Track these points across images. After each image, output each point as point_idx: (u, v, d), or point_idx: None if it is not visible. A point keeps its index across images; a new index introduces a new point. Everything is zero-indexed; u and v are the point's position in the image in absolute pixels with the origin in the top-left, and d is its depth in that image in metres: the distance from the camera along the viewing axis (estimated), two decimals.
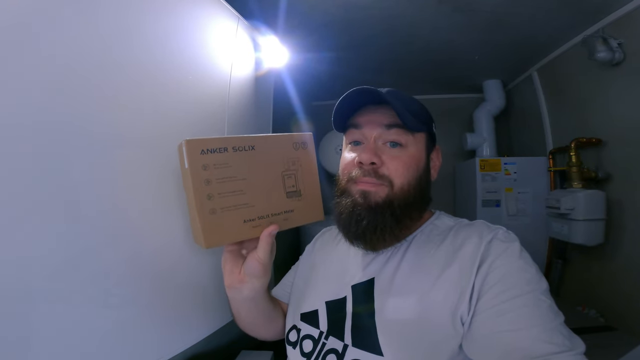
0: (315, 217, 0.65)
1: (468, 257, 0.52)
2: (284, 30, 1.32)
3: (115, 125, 0.62)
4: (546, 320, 0.44)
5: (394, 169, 0.57)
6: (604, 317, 1.48)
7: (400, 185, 0.57)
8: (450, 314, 0.49)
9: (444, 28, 1.52)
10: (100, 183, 0.60)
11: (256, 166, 0.58)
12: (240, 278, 0.60)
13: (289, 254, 1.95)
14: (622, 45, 1.35)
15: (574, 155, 1.57)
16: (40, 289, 0.51)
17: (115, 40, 0.63)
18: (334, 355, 0.56)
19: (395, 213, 0.56)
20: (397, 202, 0.56)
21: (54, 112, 0.53)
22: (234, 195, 0.55)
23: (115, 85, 0.62)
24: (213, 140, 0.54)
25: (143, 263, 0.68)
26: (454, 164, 2.41)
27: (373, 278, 0.60)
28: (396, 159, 0.57)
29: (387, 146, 0.58)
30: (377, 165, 0.56)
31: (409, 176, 0.57)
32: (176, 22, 0.76)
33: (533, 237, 1.85)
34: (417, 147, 0.60)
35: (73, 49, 0.55)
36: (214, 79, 0.89)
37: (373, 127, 0.58)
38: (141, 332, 0.67)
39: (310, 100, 2.55)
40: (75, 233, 0.56)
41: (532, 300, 0.45)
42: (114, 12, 0.62)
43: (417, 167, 0.59)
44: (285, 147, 0.62)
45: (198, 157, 0.52)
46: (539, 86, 1.96)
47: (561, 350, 0.41)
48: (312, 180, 0.64)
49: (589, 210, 1.44)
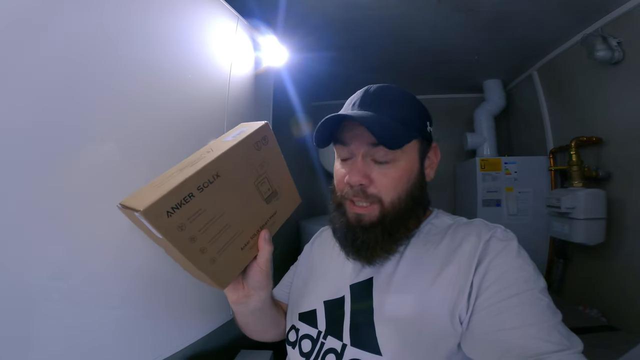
0: (294, 205, 0.63)
1: (466, 256, 0.52)
2: (283, 29, 1.32)
3: (114, 124, 0.62)
4: (544, 319, 0.43)
5: (383, 187, 0.56)
6: (605, 317, 1.47)
7: (391, 201, 0.56)
8: (449, 312, 0.49)
9: (443, 28, 1.52)
10: (98, 181, 0.60)
11: (228, 194, 0.51)
12: (246, 292, 0.58)
13: (288, 254, 1.95)
14: (622, 44, 1.35)
15: (574, 154, 1.57)
16: (41, 288, 0.51)
17: (116, 40, 0.63)
18: (333, 354, 0.56)
19: (386, 228, 0.56)
20: (389, 217, 0.56)
21: (55, 111, 0.53)
22: (222, 233, 0.50)
23: (115, 84, 0.62)
24: (172, 193, 0.44)
25: (142, 263, 0.68)
26: (454, 164, 2.41)
27: (372, 277, 0.60)
28: (385, 175, 0.56)
29: (374, 163, 0.56)
30: (365, 186, 0.56)
31: (399, 190, 0.57)
32: (175, 22, 0.76)
33: (534, 237, 1.85)
34: (407, 157, 0.58)
35: (74, 48, 0.55)
36: (214, 77, 0.89)
37: (360, 145, 0.56)
38: (141, 330, 0.67)
39: (310, 100, 2.56)
40: (75, 233, 0.56)
41: (529, 299, 0.45)
42: (114, 12, 0.62)
43: (407, 179, 0.58)
44: (248, 152, 0.55)
45: (167, 221, 0.43)
46: (539, 86, 1.96)
47: (559, 349, 0.41)
48: (282, 171, 0.61)
49: (590, 209, 1.43)
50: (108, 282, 0.61)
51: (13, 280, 0.48)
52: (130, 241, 0.65)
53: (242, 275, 0.58)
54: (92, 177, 0.59)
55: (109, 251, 0.61)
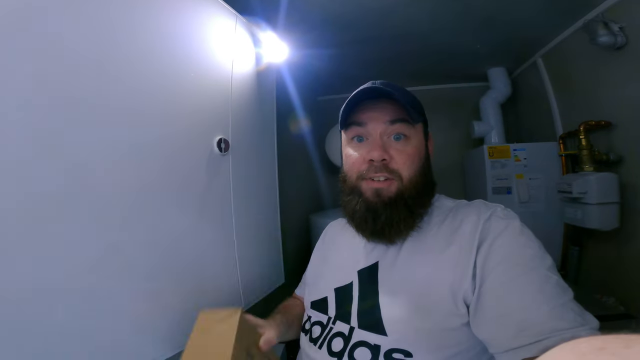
0: None
1: (467, 236, 0.52)
2: (284, 26, 1.33)
3: (115, 123, 0.63)
4: (555, 297, 0.43)
5: (402, 162, 0.58)
6: (623, 305, 1.44)
7: (409, 177, 0.58)
8: (452, 293, 0.50)
9: (443, 18, 1.51)
10: (99, 182, 0.60)
11: None
12: None
13: (299, 247, 1.96)
14: (624, 28, 1.31)
15: (584, 139, 1.54)
16: (58, 288, 0.52)
17: (119, 41, 0.64)
18: (341, 338, 0.57)
19: (407, 204, 0.57)
20: (408, 193, 0.58)
21: (61, 110, 0.54)
22: None
23: (118, 85, 0.64)
24: None
25: (152, 259, 0.69)
26: (462, 154, 2.39)
27: (377, 262, 0.61)
28: (402, 152, 0.58)
29: (392, 140, 0.59)
30: (387, 161, 0.57)
31: (415, 167, 0.59)
32: (176, 22, 0.78)
33: (547, 224, 1.81)
34: (418, 137, 0.61)
35: (77, 48, 0.56)
36: (216, 75, 0.91)
37: (377, 124, 0.59)
38: (155, 325, 0.68)
39: (316, 95, 2.56)
40: (88, 233, 0.57)
41: (538, 277, 0.45)
42: (117, 13, 0.64)
43: (420, 157, 0.61)
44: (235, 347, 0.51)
45: None
46: (544, 72, 1.93)
47: (573, 325, 0.40)
48: None
49: (602, 193, 1.40)
50: (123, 280, 0.62)
51: (33, 279, 0.49)
52: (136, 239, 0.66)
53: None
54: (95, 177, 0.60)
55: (120, 250, 0.63)
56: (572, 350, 0.25)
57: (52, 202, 0.52)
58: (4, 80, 0.46)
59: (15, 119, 0.48)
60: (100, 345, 0.58)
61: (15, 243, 0.47)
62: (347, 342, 0.56)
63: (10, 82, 0.47)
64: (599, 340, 0.23)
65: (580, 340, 0.25)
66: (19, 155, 0.48)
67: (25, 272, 0.49)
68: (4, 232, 0.46)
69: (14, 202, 0.47)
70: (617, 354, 0.21)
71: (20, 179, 0.48)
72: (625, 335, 0.22)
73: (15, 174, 0.48)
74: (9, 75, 0.47)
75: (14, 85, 0.48)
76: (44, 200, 0.51)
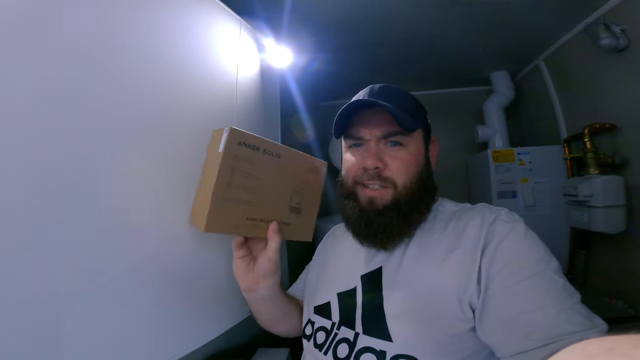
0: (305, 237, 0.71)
1: (471, 240, 0.52)
2: (287, 31, 1.34)
3: (125, 127, 0.64)
4: (562, 300, 0.43)
5: (396, 170, 0.58)
6: (632, 308, 1.42)
7: (404, 185, 0.58)
8: (457, 297, 0.49)
9: (445, 22, 1.51)
10: (101, 182, 0.60)
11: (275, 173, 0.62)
12: (255, 279, 0.64)
13: (302, 253, 1.95)
14: (625, 31, 1.32)
15: (588, 142, 1.53)
16: (69, 290, 0.52)
17: (126, 46, 0.65)
18: (346, 344, 0.57)
19: (402, 212, 0.58)
20: (403, 200, 0.58)
21: (63, 115, 0.54)
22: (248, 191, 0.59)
23: (125, 89, 0.64)
24: (252, 136, 0.58)
25: (167, 263, 0.70)
26: (466, 159, 2.38)
27: (381, 267, 0.61)
28: (397, 159, 0.59)
29: (387, 146, 0.60)
30: (380, 169, 0.58)
31: (411, 174, 0.59)
32: (182, 28, 0.78)
33: (553, 228, 1.79)
34: (415, 144, 0.61)
35: (83, 52, 0.57)
36: (221, 80, 0.92)
37: (372, 132, 0.60)
38: (163, 327, 0.68)
39: (318, 100, 2.57)
40: (99, 235, 0.57)
41: (544, 280, 0.45)
42: (125, 19, 0.64)
43: (417, 164, 0.60)
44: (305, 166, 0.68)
45: (234, 147, 0.56)
46: (547, 75, 1.93)
47: (582, 329, 0.40)
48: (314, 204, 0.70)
49: (608, 196, 1.39)
50: (134, 281, 0.63)
51: (43, 282, 0.49)
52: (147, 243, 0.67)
53: (252, 263, 0.65)
54: (100, 179, 0.60)
55: (132, 252, 0.63)
56: (582, 351, 0.25)
57: (58, 202, 0.52)
58: (5, 80, 0.46)
59: (17, 120, 0.48)
60: (109, 345, 0.58)
61: (16, 244, 0.47)
62: (352, 348, 0.55)
63: (11, 82, 0.47)
64: (608, 341, 0.23)
65: (589, 342, 0.25)
66: (23, 155, 0.48)
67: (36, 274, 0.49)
68: (10, 233, 0.46)
69: (21, 202, 0.48)
70: (627, 354, 0.21)
71: (27, 178, 0.48)
72: (635, 335, 0.22)
73: (22, 174, 0.48)
74: (9, 75, 0.47)
75: (15, 86, 0.48)
76: (49, 201, 0.51)
